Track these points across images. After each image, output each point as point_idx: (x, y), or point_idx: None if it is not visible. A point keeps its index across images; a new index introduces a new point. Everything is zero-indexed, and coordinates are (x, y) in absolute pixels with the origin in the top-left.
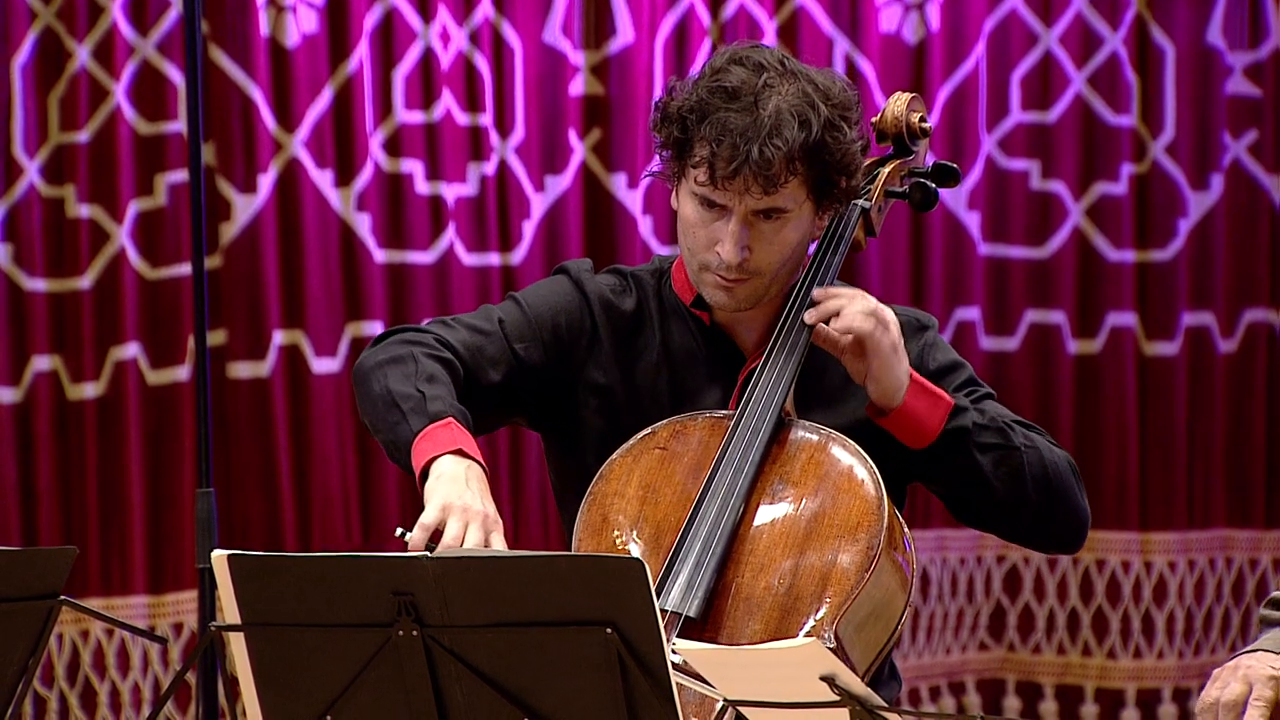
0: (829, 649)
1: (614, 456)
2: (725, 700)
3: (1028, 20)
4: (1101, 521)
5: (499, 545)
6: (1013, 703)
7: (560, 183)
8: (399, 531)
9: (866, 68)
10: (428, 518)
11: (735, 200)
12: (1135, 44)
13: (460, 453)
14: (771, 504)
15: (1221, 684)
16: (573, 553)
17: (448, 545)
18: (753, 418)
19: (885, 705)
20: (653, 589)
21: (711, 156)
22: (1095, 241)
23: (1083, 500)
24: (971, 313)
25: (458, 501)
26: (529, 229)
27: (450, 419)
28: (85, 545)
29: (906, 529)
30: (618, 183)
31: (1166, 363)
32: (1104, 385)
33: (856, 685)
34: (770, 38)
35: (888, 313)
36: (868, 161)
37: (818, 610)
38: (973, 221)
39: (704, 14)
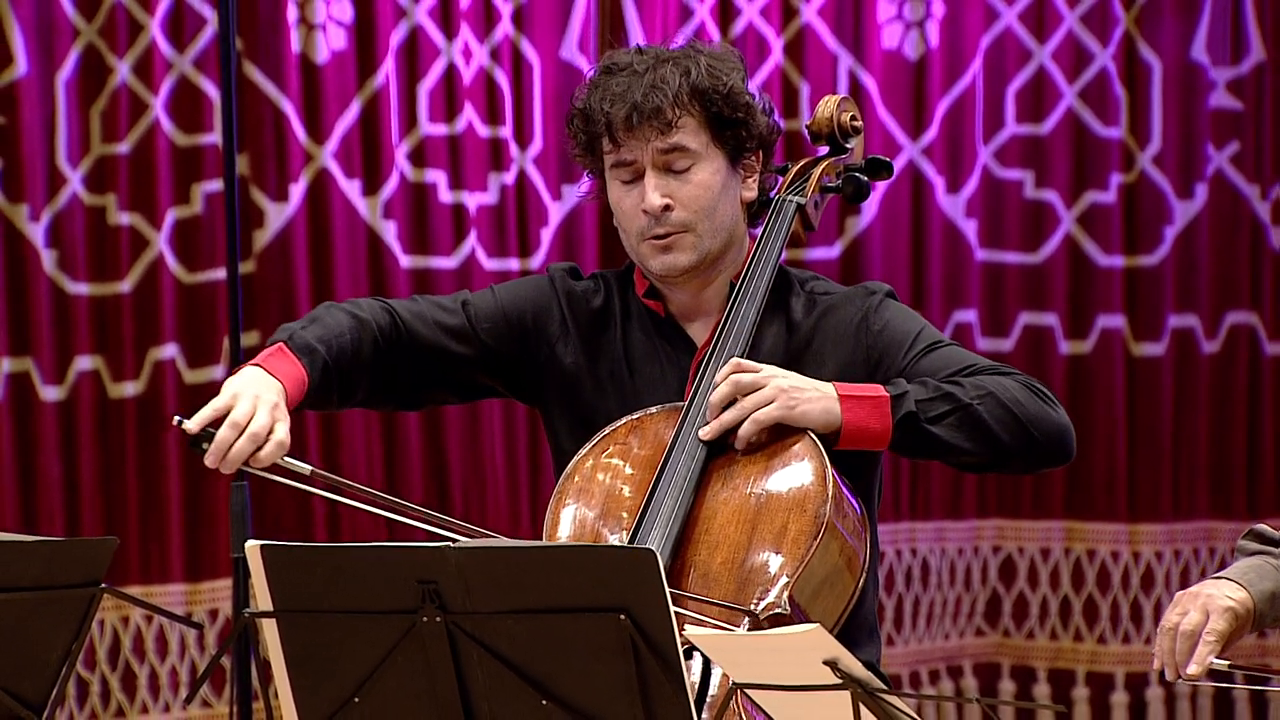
0: (783, 614)
1: (577, 455)
2: (734, 684)
3: (1022, 37)
4: (1091, 513)
5: (283, 434)
6: (1008, 686)
7: (577, 192)
8: (176, 419)
9: (869, 83)
10: (217, 401)
11: (641, 151)
12: (1124, 60)
13: (263, 369)
14: (723, 485)
15: (1181, 610)
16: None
17: (234, 422)
18: (702, 406)
19: (885, 689)
20: (664, 577)
21: (608, 119)
22: (1086, 247)
23: (1055, 412)
24: (969, 315)
25: (250, 389)
26: (547, 236)
27: (281, 344)
28: (125, 536)
29: (856, 497)
30: None
31: (1153, 363)
32: (1094, 384)
33: (858, 669)
34: (777, 54)
35: (755, 375)
36: (803, 161)
37: (772, 579)
38: (970, 229)
39: (714, 31)
